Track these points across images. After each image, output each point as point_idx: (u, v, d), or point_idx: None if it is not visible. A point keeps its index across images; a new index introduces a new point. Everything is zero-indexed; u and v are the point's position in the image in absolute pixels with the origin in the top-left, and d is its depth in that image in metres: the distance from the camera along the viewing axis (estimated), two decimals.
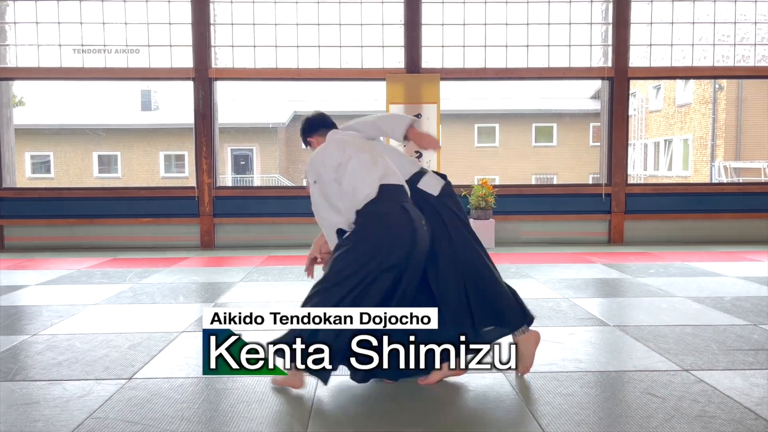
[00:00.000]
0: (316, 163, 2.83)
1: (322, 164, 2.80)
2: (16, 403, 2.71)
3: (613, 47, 8.47)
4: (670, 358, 3.27)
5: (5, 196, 8.41)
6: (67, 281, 5.76)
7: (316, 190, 2.83)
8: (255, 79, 8.64)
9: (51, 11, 8.32)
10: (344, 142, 2.85)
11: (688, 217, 8.64)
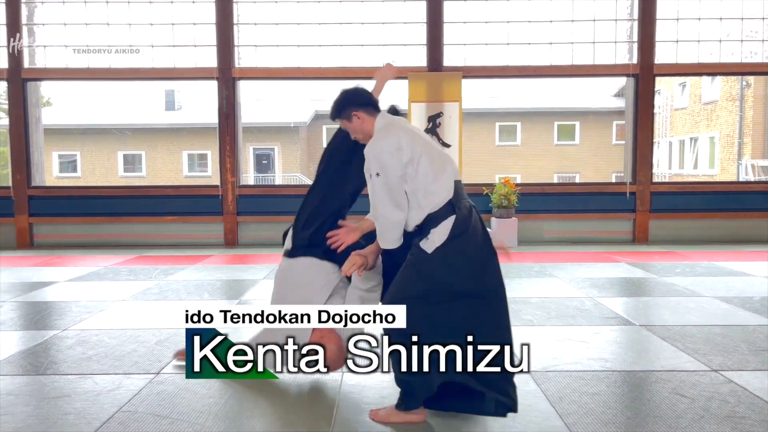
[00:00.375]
0: (383, 154, 2.48)
1: (390, 156, 2.46)
2: (48, 396, 2.77)
3: (639, 44, 8.37)
4: (698, 358, 3.22)
5: (34, 195, 8.57)
6: (94, 278, 5.85)
7: (379, 183, 2.49)
8: (278, 79, 8.71)
9: (78, 12, 8.46)
10: (413, 135, 2.54)
11: (714, 216, 8.51)
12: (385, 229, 2.52)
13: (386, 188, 2.48)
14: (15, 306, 4.63)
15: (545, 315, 4.19)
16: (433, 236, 2.43)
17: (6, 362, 3.24)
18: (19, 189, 8.50)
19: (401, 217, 2.49)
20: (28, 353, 3.40)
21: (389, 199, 2.48)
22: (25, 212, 8.50)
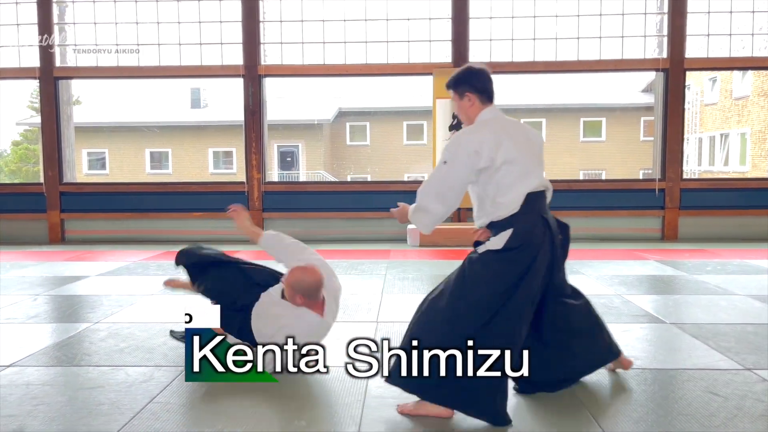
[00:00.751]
0: (460, 151, 2.49)
1: (466, 156, 2.47)
2: (82, 386, 2.82)
3: (669, 38, 8.22)
4: (731, 356, 3.17)
5: (66, 191, 8.75)
6: (124, 272, 5.95)
7: (442, 169, 2.52)
8: (303, 75, 8.74)
9: (108, 11, 8.60)
10: (502, 141, 2.49)
11: (746, 213, 8.34)
12: (419, 211, 2.59)
13: (442, 178, 2.52)
14: (48, 299, 4.73)
15: None
16: (490, 245, 2.50)
17: (41, 353, 3.32)
18: (51, 185, 8.68)
19: (438, 211, 2.53)
20: (61, 345, 3.47)
21: (438, 188, 2.53)
22: (57, 208, 8.68)
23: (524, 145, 2.57)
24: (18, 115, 33.36)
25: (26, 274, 5.85)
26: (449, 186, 2.50)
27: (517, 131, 2.60)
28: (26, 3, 8.62)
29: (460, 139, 2.52)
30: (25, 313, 4.26)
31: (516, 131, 2.59)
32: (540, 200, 2.58)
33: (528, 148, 2.58)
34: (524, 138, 2.59)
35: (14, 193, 9.15)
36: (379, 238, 8.40)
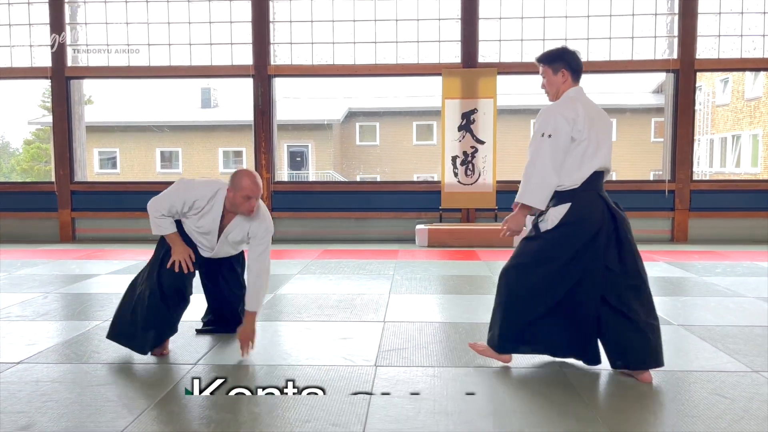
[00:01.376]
0: (561, 120, 2.65)
1: (566, 124, 2.65)
2: (91, 384, 2.85)
3: (679, 38, 8.18)
4: (739, 358, 3.15)
5: (77, 190, 8.82)
6: (134, 271, 5.94)
7: (547, 143, 2.65)
8: (313, 76, 8.76)
9: (119, 12, 8.66)
10: (590, 117, 2.71)
11: (757, 215, 8.28)
12: (537, 187, 2.69)
13: (552, 151, 2.65)
14: (59, 297, 4.78)
15: None
16: (549, 216, 2.72)
17: (50, 351, 3.35)
18: (63, 184, 8.76)
19: (556, 182, 2.67)
20: (71, 342, 3.51)
21: (552, 161, 2.65)
22: (68, 207, 8.76)
23: (604, 125, 2.79)
24: (30, 114, 33.68)
25: (37, 273, 5.91)
26: (560, 155, 2.66)
27: (599, 112, 2.81)
28: (38, 3, 8.70)
29: (558, 110, 2.68)
30: (36, 310, 4.31)
31: (597, 112, 2.80)
32: (600, 180, 2.77)
33: (605, 129, 2.78)
34: (604, 119, 2.82)
35: (26, 192, 9.24)
36: (388, 239, 8.41)
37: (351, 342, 3.50)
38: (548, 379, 2.90)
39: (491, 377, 2.92)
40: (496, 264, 6.33)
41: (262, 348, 3.35)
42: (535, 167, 2.67)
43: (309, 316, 4.14)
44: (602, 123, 2.79)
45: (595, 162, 2.70)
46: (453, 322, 3.95)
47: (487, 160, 8.26)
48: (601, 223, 2.70)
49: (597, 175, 2.75)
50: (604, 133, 2.77)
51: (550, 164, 2.64)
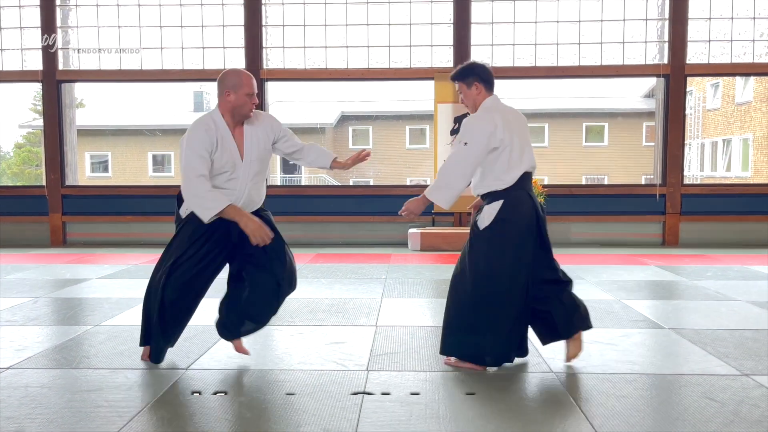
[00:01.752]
0: (477, 132, 2.87)
1: (482, 136, 2.84)
2: (81, 389, 2.83)
3: (670, 43, 8.24)
4: (728, 362, 3.17)
5: (68, 194, 8.78)
6: (125, 275, 5.97)
7: (462, 151, 2.89)
8: (305, 80, 8.76)
9: (111, 15, 8.64)
10: (509, 124, 2.92)
11: (747, 219, 8.34)
12: (444, 188, 2.93)
13: (464, 158, 2.89)
14: (49, 302, 4.75)
15: None
16: (484, 214, 2.93)
17: (40, 356, 3.33)
18: (53, 188, 8.72)
19: (462, 186, 2.91)
20: (61, 347, 3.49)
21: (461, 167, 2.89)
22: (59, 211, 8.71)
23: (522, 128, 3.01)
24: (21, 117, 33.49)
25: (27, 277, 5.88)
26: (471, 164, 2.89)
27: (516, 116, 3.03)
28: (30, 6, 8.67)
29: (476, 122, 2.91)
30: (26, 315, 4.28)
31: (515, 116, 3.03)
32: (528, 180, 3.00)
33: (523, 132, 3.01)
34: (521, 122, 3.04)
35: (16, 196, 9.19)
36: (380, 242, 8.41)
37: (343, 346, 3.50)
38: (538, 381, 2.91)
39: (483, 381, 2.92)
40: None
41: (254, 352, 3.34)
42: (446, 170, 2.92)
43: (301, 320, 4.13)
44: (520, 126, 3.00)
45: (522, 165, 2.94)
46: None
47: None
48: (530, 219, 2.95)
49: (526, 175, 2.98)
50: (524, 135, 2.99)
51: (461, 170, 2.88)
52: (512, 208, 2.90)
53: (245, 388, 2.85)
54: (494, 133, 2.85)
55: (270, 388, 2.84)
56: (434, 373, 3.04)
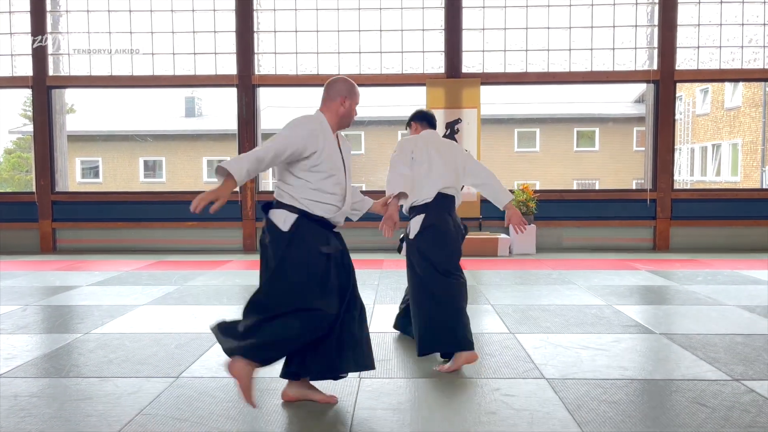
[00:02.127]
0: (401, 147, 3.53)
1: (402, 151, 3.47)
2: (71, 398, 2.81)
3: (659, 50, 8.31)
4: (719, 367, 3.18)
5: (58, 200, 8.72)
6: (115, 282, 5.93)
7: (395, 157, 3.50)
8: (297, 85, 8.75)
9: (102, 21, 8.61)
10: (428, 146, 3.54)
11: (737, 224, 8.40)
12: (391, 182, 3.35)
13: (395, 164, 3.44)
14: (38, 309, 4.71)
15: (564, 322, 4.16)
16: (411, 225, 3.41)
17: (29, 364, 3.30)
18: (43, 194, 8.66)
19: (404, 171, 3.37)
20: (50, 356, 3.46)
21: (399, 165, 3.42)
22: (49, 217, 8.66)
23: (445, 155, 3.51)
24: (10, 123, 33.23)
25: (16, 284, 5.83)
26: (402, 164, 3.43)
27: (447, 146, 3.62)
28: (20, 12, 8.63)
29: (403, 141, 3.58)
30: (15, 323, 4.25)
31: (445, 146, 3.62)
32: (447, 201, 3.44)
33: (447, 159, 3.50)
34: (448, 151, 3.57)
35: (6, 202, 9.11)
36: (373, 248, 8.40)
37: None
38: (531, 389, 2.91)
39: (475, 389, 2.92)
40: (481, 273, 6.35)
41: None
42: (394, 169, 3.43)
43: None
44: (448, 153, 3.54)
45: (438, 183, 3.41)
46: None
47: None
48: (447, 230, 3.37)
49: (444, 197, 3.42)
50: (448, 161, 3.49)
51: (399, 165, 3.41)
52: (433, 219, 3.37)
53: (236, 396, 2.83)
54: (413, 150, 3.48)
55: (262, 396, 2.82)
56: (427, 380, 3.03)
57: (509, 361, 3.32)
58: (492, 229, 8.46)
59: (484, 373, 3.12)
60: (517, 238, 8.00)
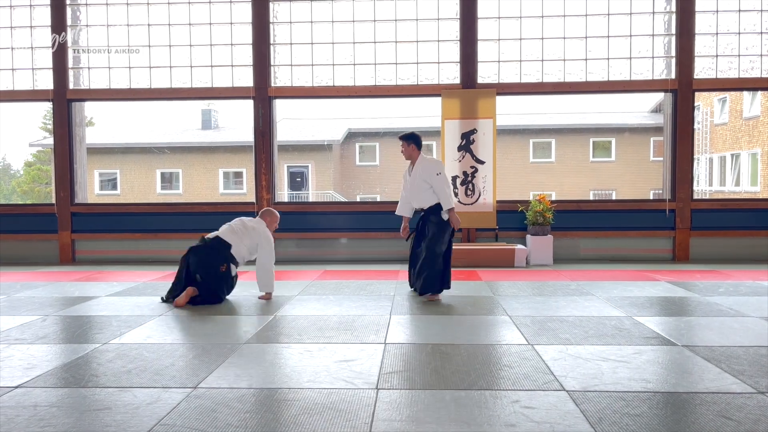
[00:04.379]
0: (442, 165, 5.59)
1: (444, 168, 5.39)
2: (89, 408, 2.82)
3: (677, 59, 8.25)
4: (744, 379, 3.12)
5: (77, 212, 8.82)
6: (134, 293, 5.97)
7: (443, 176, 5.44)
8: (313, 97, 8.80)
9: (121, 34, 8.74)
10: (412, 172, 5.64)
11: (758, 234, 8.27)
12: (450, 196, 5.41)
13: (446, 180, 5.44)
14: (58, 320, 4.75)
15: (583, 334, 4.11)
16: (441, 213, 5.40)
17: (49, 374, 3.32)
18: (63, 206, 8.77)
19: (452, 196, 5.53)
20: (69, 366, 3.48)
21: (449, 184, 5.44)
22: (68, 229, 8.76)
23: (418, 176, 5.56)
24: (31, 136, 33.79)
25: (36, 295, 5.89)
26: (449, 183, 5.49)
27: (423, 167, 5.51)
28: (41, 27, 8.79)
29: (437, 162, 5.52)
30: (35, 333, 4.28)
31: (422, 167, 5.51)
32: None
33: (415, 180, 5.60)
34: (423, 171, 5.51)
35: (26, 214, 9.23)
36: (389, 259, 8.39)
37: (352, 364, 3.47)
38: (551, 401, 2.87)
39: (495, 400, 2.88)
40: (498, 284, 6.30)
41: (262, 371, 3.31)
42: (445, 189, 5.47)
43: (309, 338, 4.11)
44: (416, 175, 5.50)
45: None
46: (454, 343, 3.92)
47: (487, 179, 8.27)
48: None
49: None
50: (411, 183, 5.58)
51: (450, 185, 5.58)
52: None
53: (254, 407, 2.82)
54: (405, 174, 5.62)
55: (279, 407, 2.81)
56: (445, 391, 3.00)
57: (528, 373, 3.28)
58: (508, 240, 8.41)
59: (503, 385, 3.08)
60: (533, 249, 7.94)
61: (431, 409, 2.76)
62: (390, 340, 4.01)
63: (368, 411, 2.75)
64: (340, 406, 2.80)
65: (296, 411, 2.76)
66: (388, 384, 3.10)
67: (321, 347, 3.86)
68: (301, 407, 2.80)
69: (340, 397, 2.90)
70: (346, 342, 4.00)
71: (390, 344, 3.90)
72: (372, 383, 3.11)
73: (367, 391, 2.98)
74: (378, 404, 2.82)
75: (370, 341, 3.99)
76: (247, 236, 5.49)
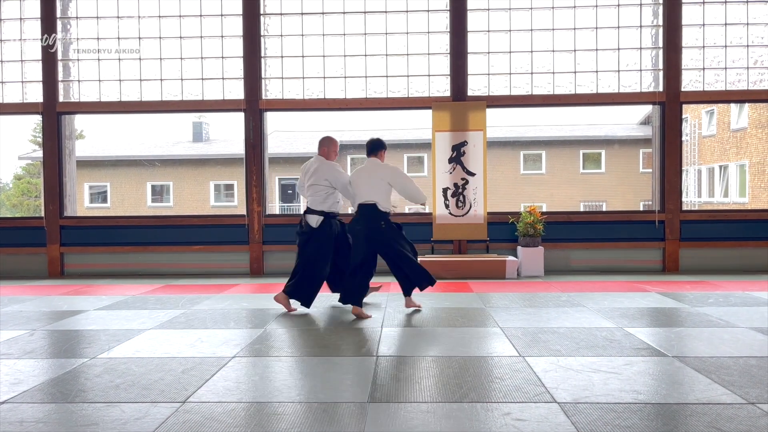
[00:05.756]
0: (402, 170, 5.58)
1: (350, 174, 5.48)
2: (77, 424, 2.78)
3: (664, 71, 8.34)
4: (734, 390, 3.13)
5: (66, 225, 8.76)
6: (123, 307, 5.92)
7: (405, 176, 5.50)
8: (304, 110, 8.81)
9: (111, 47, 8.73)
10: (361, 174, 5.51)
11: (747, 245, 8.33)
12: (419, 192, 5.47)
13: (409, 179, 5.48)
14: (45, 334, 4.70)
15: (574, 345, 4.11)
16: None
17: (36, 390, 3.28)
18: (52, 219, 8.71)
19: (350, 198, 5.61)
20: (57, 381, 3.44)
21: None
22: (57, 242, 8.69)
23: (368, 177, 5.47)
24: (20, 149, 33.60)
25: (24, 309, 5.83)
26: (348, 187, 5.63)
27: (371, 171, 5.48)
28: (30, 40, 8.77)
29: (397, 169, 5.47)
30: (22, 348, 4.23)
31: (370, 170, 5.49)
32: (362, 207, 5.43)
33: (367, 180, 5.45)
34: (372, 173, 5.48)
35: (15, 227, 9.16)
36: (380, 270, 8.36)
37: (343, 378, 3.45)
38: (542, 413, 2.86)
39: (486, 413, 2.87)
40: (490, 296, 6.31)
41: (252, 385, 3.29)
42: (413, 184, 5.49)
43: (300, 351, 4.08)
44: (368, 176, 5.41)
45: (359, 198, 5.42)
46: (446, 355, 3.91)
47: (477, 191, 8.30)
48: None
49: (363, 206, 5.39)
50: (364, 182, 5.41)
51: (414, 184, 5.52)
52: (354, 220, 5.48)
53: (243, 421, 2.80)
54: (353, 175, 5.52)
55: (269, 421, 2.79)
56: (436, 404, 2.99)
57: (519, 385, 3.27)
58: (499, 252, 8.43)
59: (494, 397, 3.08)
60: (524, 260, 7.95)
61: (422, 422, 2.74)
62: (381, 352, 4.00)
63: (360, 425, 2.74)
64: (330, 419, 2.78)
65: (287, 426, 2.74)
66: (380, 397, 3.08)
67: (312, 360, 3.84)
68: (292, 422, 2.77)
69: (331, 410, 2.89)
70: (337, 355, 3.98)
71: (381, 357, 3.88)
72: (363, 397, 3.09)
73: (359, 405, 2.96)
74: (368, 417, 2.80)
75: (362, 354, 3.97)
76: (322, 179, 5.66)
